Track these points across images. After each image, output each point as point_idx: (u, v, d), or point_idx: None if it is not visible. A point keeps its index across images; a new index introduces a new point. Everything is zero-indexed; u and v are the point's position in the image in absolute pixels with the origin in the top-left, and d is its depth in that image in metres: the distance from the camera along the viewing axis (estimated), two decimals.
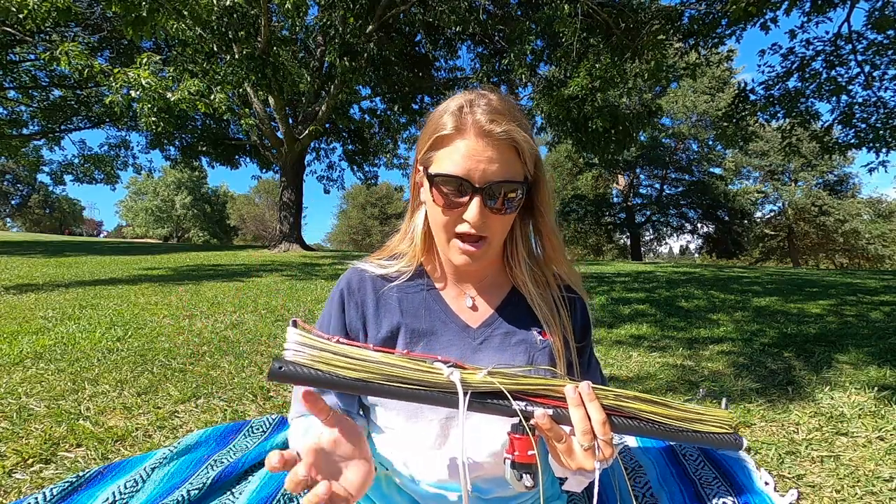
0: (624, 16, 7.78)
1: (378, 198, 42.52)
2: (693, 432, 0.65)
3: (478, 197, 0.67)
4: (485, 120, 0.67)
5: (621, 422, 0.62)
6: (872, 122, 7.12)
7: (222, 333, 3.10)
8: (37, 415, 1.75)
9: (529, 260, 0.82)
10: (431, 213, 0.75)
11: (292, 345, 0.57)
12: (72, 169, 18.00)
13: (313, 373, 0.57)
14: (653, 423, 0.64)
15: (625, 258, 26.01)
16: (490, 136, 0.67)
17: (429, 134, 0.72)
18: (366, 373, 0.58)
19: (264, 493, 1.25)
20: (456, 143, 0.68)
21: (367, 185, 18.47)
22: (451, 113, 0.69)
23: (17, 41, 11.85)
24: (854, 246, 23.98)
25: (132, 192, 42.48)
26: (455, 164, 0.68)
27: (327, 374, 0.57)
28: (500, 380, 0.60)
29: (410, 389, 0.58)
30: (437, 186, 0.70)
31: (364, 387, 0.58)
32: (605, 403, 0.62)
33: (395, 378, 0.58)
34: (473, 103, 0.69)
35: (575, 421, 0.60)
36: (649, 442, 1.58)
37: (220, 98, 7.75)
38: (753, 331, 3.26)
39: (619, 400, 0.63)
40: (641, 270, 8.30)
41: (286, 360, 0.57)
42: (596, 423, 0.60)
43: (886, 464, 1.42)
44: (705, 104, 22.67)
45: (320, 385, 0.57)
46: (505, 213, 0.71)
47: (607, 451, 0.60)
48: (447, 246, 0.75)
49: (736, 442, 0.66)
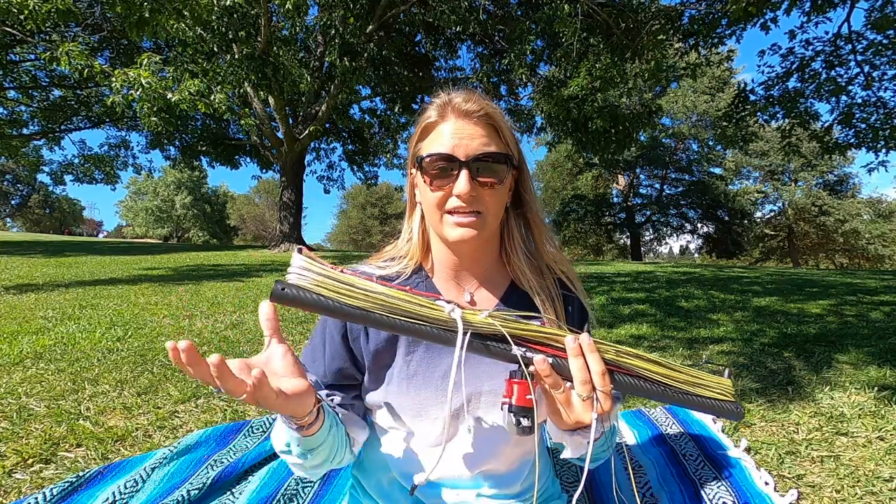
0: (624, 16, 7.77)
1: (378, 198, 42.51)
2: (695, 396, 0.64)
3: (465, 170, 0.71)
4: (461, 101, 0.74)
5: (621, 378, 0.62)
6: (872, 122, 7.11)
7: (222, 333, 3.10)
8: (37, 415, 1.75)
9: (525, 247, 0.84)
10: (424, 198, 0.77)
11: (296, 269, 0.57)
12: (72, 169, 17.99)
13: (314, 297, 0.57)
14: (654, 383, 0.62)
15: (625, 258, 26.00)
16: (469, 116, 0.74)
17: (417, 130, 0.79)
18: (367, 302, 0.58)
19: (264, 493, 1.25)
20: (440, 127, 0.75)
21: (367, 185, 18.45)
22: (434, 106, 0.77)
23: (18, 41, 11.85)
24: (854, 246, 23.99)
25: (132, 192, 42.48)
26: (440, 145, 0.73)
27: (329, 299, 0.57)
28: (501, 322, 0.60)
29: (410, 323, 0.59)
30: (426, 168, 0.73)
31: (364, 316, 0.58)
32: (605, 357, 0.61)
33: (397, 310, 0.58)
34: (452, 96, 0.76)
35: (574, 370, 0.60)
36: (649, 442, 1.58)
37: (220, 98, 7.74)
38: (753, 331, 3.26)
39: (619, 356, 0.62)
40: (641, 270, 8.30)
41: (289, 282, 0.57)
42: (595, 374, 0.60)
43: (886, 464, 1.42)
44: (705, 104, 22.66)
45: (321, 310, 0.57)
46: (493, 186, 0.74)
47: (606, 403, 0.60)
48: (441, 225, 0.76)
49: (737, 411, 0.65)
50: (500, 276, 0.86)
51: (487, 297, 0.84)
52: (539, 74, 11.09)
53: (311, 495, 1.27)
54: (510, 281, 0.86)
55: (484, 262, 0.84)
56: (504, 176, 0.75)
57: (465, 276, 0.84)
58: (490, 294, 0.84)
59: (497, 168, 0.73)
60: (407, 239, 0.87)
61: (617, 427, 0.82)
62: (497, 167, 0.73)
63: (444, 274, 0.84)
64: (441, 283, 0.85)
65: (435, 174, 0.73)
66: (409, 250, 0.86)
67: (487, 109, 0.74)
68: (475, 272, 0.84)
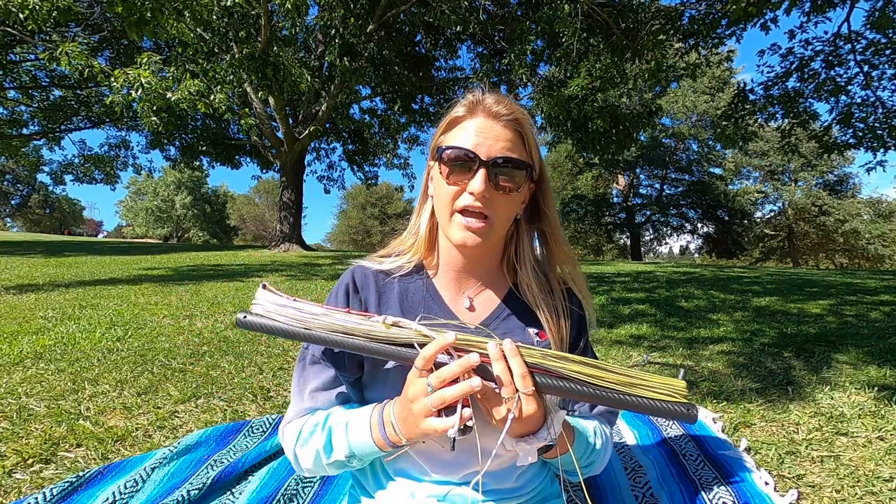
0: (624, 16, 7.77)
1: (378, 198, 42.50)
2: (636, 398, 0.61)
3: (483, 169, 0.71)
4: (493, 102, 0.74)
5: (545, 381, 0.63)
6: (871, 121, 7.12)
7: (222, 333, 3.10)
8: (37, 415, 1.75)
9: (536, 264, 0.84)
10: (438, 189, 0.77)
11: (260, 300, 0.65)
12: (72, 169, 18.00)
13: (276, 324, 0.65)
14: (586, 386, 0.62)
15: (625, 258, 26.01)
16: (498, 118, 0.74)
17: (443, 123, 0.79)
18: (327, 326, 0.65)
19: (264, 493, 1.25)
20: (466, 122, 0.75)
21: (367, 185, 18.45)
22: (463, 102, 0.77)
23: (18, 41, 11.85)
24: (854, 246, 23.99)
25: (132, 192, 42.47)
26: (464, 140, 0.73)
27: (289, 326, 0.65)
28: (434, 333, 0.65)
29: (367, 344, 0.65)
30: (445, 159, 0.73)
31: (323, 339, 0.65)
32: (529, 361, 0.63)
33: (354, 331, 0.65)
34: (485, 96, 0.76)
35: (497, 374, 0.62)
36: (649, 442, 1.58)
37: (220, 98, 7.75)
38: (753, 331, 3.26)
39: (545, 359, 0.64)
40: (641, 270, 8.30)
41: (252, 312, 0.65)
42: (517, 377, 0.62)
43: (886, 464, 1.42)
44: (705, 104, 22.66)
45: (284, 335, 0.65)
46: (509, 192, 0.74)
47: (529, 406, 0.62)
48: (449, 223, 0.75)
49: (688, 412, 0.60)
50: (499, 282, 0.86)
51: (486, 302, 0.84)
52: (539, 74, 11.09)
53: (311, 495, 1.27)
54: (509, 288, 0.86)
55: (486, 267, 0.84)
56: (521, 184, 0.75)
57: (467, 278, 0.84)
58: (489, 300, 0.85)
59: (516, 175, 0.73)
60: (414, 231, 0.87)
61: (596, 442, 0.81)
62: (516, 174, 0.73)
63: (448, 275, 0.85)
64: (442, 283, 0.85)
65: (453, 168, 0.73)
66: (414, 244, 0.86)
67: (517, 115, 0.74)
68: (477, 275, 0.84)
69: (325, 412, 0.79)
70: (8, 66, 13.16)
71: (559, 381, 0.63)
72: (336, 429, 0.75)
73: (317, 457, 0.75)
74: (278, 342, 2.87)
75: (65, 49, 6.55)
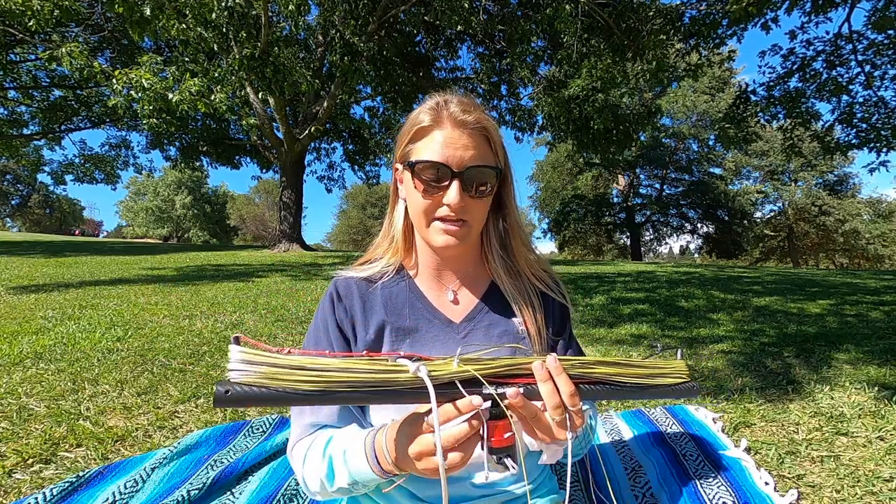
0: (625, 16, 7.77)
1: (378, 198, 42.50)
2: (655, 387, 0.67)
3: (457, 181, 0.72)
4: (458, 111, 0.74)
5: (589, 389, 0.63)
6: (873, 121, 7.12)
7: (222, 333, 3.10)
8: (37, 415, 1.75)
9: (502, 251, 0.86)
10: (412, 200, 0.78)
11: (236, 364, 0.51)
12: (72, 169, 18.00)
13: (265, 392, 0.50)
14: (617, 385, 0.65)
15: (625, 258, 26.00)
16: (464, 126, 0.74)
17: (407, 130, 0.77)
18: (326, 382, 0.52)
19: (264, 493, 1.25)
20: (434, 133, 0.74)
21: (368, 185, 18.47)
22: (427, 110, 0.76)
23: (18, 41, 11.85)
24: (854, 246, 23.99)
25: (132, 192, 42.50)
26: (434, 152, 0.73)
27: (282, 390, 0.51)
28: (473, 367, 0.58)
29: (376, 392, 0.54)
30: (417, 173, 0.74)
31: (322, 397, 0.52)
32: (571, 374, 0.62)
33: (358, 383, 0.53)
34: (447, 100, 0.76)
35: (545, 396, 0.60)
36: (649, 442, 1.58)
37: (221, 98, 7.75)
38: (753, 330, 3.25)
39: (584, 367, 0.64)
40: (642, 270, 8.30)
41: (231, 381, 0.50)
42: (565, 396, 0.60)
43: (886, 464, 1.42)
44: (705, 104, 22.67)
45: (276, 404, 0.52)
46: (481, 196, 0.75)
47: (578, 420, 0.62)
48: (427, 231, 0.77)
49: (692, 389, 0.69)
50: (481, 275, 0.88)
51: (470, 295, 0.86)
52: (540, 74, 11.09)
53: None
54: (490, 280, 0.88)
55: (466, 261, 0.87)
56: (492, 187, 0.76)
57: (447, 274, 0.86)
58: (472, 292, 0.87)
59: (488, 179, 0.75)
60: (389, 235, 0.88)
61: (594, 424, 0.83)
62: (488, 178, 0.75)
63: (428, 273, 0.86)
64: (424, 282, 0.87)
65: (427, 181, 0.73)
66: (392, 247, 0.87)
67: (484, 122, 0.75)
68: (458, 271, 0.87)
69: (327, 435, 0.76)
70: (8, 66, 13.16)
71: (598, 386, 0.64)
72: (335, 458, 0.72)
73: (321, 485, 0.73)
74: (278, 342, 2.87)
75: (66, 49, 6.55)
